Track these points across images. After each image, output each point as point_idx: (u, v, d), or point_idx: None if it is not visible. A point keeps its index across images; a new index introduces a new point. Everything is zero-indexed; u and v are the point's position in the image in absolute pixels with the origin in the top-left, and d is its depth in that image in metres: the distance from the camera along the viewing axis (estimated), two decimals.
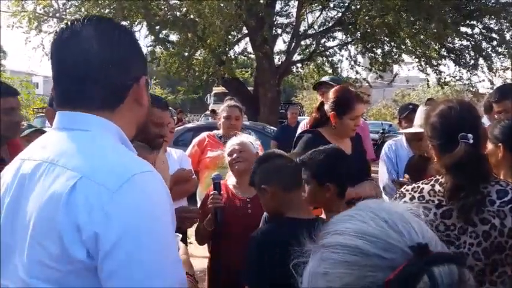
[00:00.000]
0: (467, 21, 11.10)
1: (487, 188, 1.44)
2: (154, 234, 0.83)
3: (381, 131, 12.17)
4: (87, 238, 0.80)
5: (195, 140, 3.55)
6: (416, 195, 1.53)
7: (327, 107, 2.59)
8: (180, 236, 1.30)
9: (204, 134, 3.56)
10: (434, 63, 11.95)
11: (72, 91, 0.95)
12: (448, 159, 1.45)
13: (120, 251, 0.80)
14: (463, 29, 11.20)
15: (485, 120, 2.85)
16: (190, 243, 4.99)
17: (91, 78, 0.93)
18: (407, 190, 1.57)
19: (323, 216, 1.94)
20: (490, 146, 1.87)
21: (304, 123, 3.64)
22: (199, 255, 4.57)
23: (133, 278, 0.80)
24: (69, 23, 0.96)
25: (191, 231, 3.57)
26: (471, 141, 1.42)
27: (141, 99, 1.00)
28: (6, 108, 2.11)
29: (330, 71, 12.85)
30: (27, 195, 0.88)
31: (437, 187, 1.51)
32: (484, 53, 11.32)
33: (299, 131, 3.53)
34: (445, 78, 12.16)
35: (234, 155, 2.44)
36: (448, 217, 1.46)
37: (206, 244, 2.73)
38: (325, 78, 3.68)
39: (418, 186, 1.55)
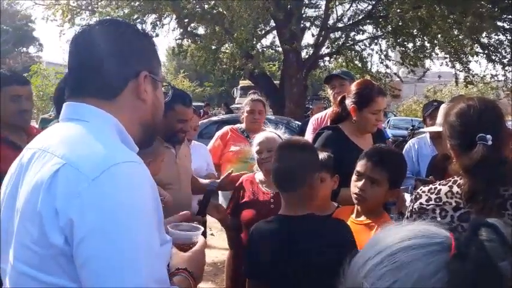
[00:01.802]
0: (505, 15, 10.63)
1: (509, 191, 1.37)
2: (128, 227, 0.81)
3: (411, 128, 11.82)
4: (64, 225, 0.81)
5: (218, 133, 3.57)
6: (433, 196, 1.48)
7: (347, 100, 2.54)
8: (202, 229, 1.27)
9: (227, 128, 3.58)
10: (465, 60, 11.54)
11: (76, 82, 1.01)
12: (465, 160, 1.39)
13: (91, 241, 0.79)
14: (499, 23, 10.74)
15: None
16: (212, 234, 5.05)
17: (91, 69, 0.98)
18: (423, 191, 1.52)
19: (354, 215, 1.92)
20: None
21: (315, 118, 3.56)
22: (220, 247, 4.62)
23: (103, 270, 0.79)
24: (89, 23, 1.07)
25: (210, 224, 3.60)
26: (490, 142, 1.36)
27: (141, 94, 1.01)
28: (13, 96, 2.18)
29: (360, 65, 12.62)
30: (22, 182, 0.92)
31: (455, 188, 1.45)
32: None
33: (310, 127, 3.49)
34: (472, 76, 11.73)
35: (263, 155, 2.42)
36: (465, 220, 1.40)
37: (227, 236, 2.77)
38: (336, 72, 3.60)
39: (435, 188, 1.50)
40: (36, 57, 32.21)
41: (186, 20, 11.87)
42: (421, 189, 1.54)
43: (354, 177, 1.87)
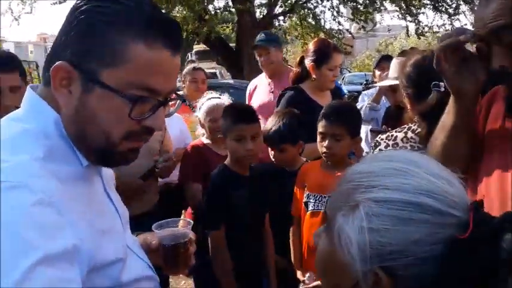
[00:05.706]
0: None
1: None
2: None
3: (364, 82, 12.18)
4: None
5: None
6: (391, 142, 1.63)
7: (306, 60, 2.65)
8: (191, 222, 1.17)
9: None
10: (414, 11, 11.86)
11: None
12: (422, 107, 1.53)
13: None
14: None
15: None
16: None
17: None
18: (382, 139, 1.67)
19: (323, 168, 2.04)
20: None
21: (252, 83, 3.55)
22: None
23: None
24: None
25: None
26: (443, 89, 1.50)
27: (54, 86, 0.79)
28: None
29: (313, 22, 12.65)
30: None
31: (409, 134, 1.61)
32: None
33: (247, 92, 3.52)
34: (423, 28, 12.12)
35: (219, 122, 2.46)
36: None
37: None
38: (257, 41, 3.50)
39: (392, 135, 1.65)
40: None
41: None
42: (379, 137, 1.69)
43: (318, 138, 2.00)
